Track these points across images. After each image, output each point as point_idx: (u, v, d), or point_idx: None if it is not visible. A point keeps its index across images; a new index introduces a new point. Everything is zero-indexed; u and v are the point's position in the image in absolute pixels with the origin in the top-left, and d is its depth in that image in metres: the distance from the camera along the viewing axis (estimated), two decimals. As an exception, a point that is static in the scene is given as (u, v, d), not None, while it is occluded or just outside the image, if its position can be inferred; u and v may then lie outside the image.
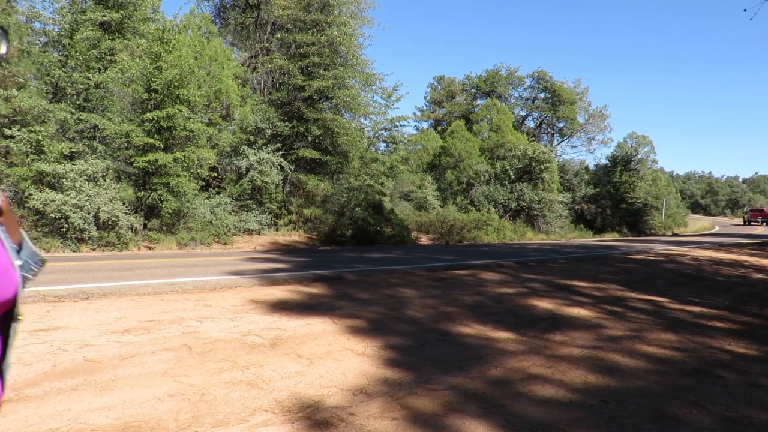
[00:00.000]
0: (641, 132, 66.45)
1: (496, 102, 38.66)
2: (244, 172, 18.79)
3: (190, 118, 15.53)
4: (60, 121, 14.33)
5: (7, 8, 15.29)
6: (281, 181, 20.01)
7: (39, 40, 17.39)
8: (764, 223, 59.93)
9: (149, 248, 14.59)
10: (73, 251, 13.02)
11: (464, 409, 3.36)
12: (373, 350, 4.60)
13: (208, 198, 17.55)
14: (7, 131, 13.55)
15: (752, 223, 60.34)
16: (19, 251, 0.82)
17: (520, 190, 31.48)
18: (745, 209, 71.44)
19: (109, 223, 13.65)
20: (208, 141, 16.99)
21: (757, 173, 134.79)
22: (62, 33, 15.59)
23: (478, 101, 44.90)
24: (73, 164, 13.72)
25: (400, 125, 26.03)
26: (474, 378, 3.98)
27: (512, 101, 45.89)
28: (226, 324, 5.48)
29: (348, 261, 11.66)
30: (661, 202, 43.61)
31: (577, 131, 46.31)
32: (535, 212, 31.35)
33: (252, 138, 19.65)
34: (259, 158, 18.70)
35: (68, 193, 13.18)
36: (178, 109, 14.98)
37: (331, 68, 20.57)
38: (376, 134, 25.75)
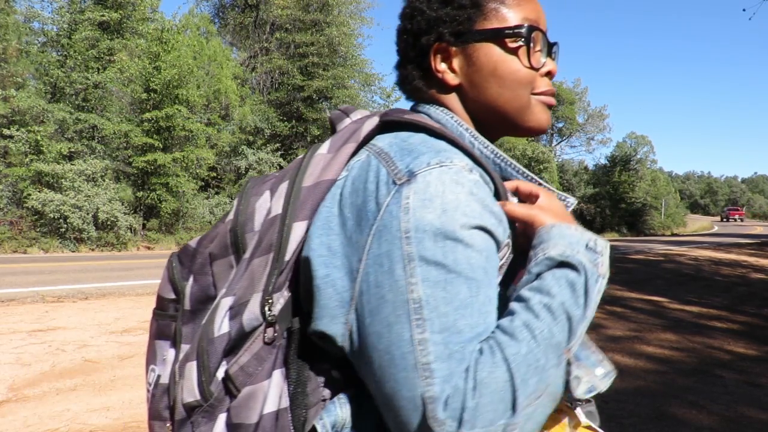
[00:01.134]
0: (640, 132, 66.57)
1: (496, 102, 38.62)
2: (243, 172, 18.78)
3: (189, 118, 15.51)
4: (59, 121, 14.32)
5: (6, 8, 15.27)
6: (280, 181, 20.01)
7: (38, 40, 17.37)
8: (740, 220, 69.70)
9: (148, 248, 14.58)
10: (72, 251, 13.01)
11: (464, 409, 3.35)
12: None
13: (207, 198, 17.54)
14: (6, 131, 13.53)
15: (729, 220, 69.17)
16: None
17: (520, 190, 31.46)
18: (723, 208, 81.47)
19: (108, 223, 13.63)
20: (207, 141, 16.98)
21: (756, 173, 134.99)
22: (61, 33, 15.57)
23: (478, 101, 44.89)
24: (71, 164, 13.70)
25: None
26: (473, 378, 3.98)
27: (511, 101, 45.88)
28: (225, 324, 5.47)
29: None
30: (661, 202, 43.62)
31: (576, 131, 46.30)
32: (535, 212, 31.34)
33: (251, 138, 19.65)
34: (258, 158, 18.69)
35: (67, 193, 13.17)
36: (177, 109, 14.97)
37: (331, 68, 20.56)
38: (375, 134, 25.77)
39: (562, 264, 0.61)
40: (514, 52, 0.74)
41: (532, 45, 0.74)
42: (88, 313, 5.75)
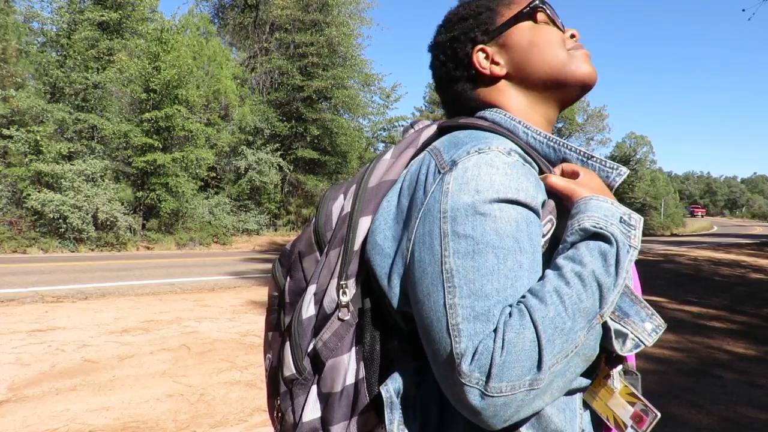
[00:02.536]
0: (640, 132, 66.71)
1: (495, 102, 38.61)
2: (242, 172, 18.77)
3: (188, 118, 15.50)
4: (58, 121, 14.30)
5: (5, 8, 15.26)
6: (280, 182, 19.99)
7: (37, 40, 17.37)
8: (702, 216, 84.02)
9: (148, 248, 14.57)
10: (72, 251, 13.01)
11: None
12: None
13: (206, 198, 17.53)
14: (6, 131, 13.52)
15: (694, 215, 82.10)
16: None
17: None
18: (688, 206, 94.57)
19: (108, 223, 13.62)
20: (206, 141, 16.96)
21: (755, 173, 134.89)
22: (60, 33, 15.56)
23: (477, 101, 44.83)
24: (71, 164, 13.69)
25: (399, 125, 26.02)
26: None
27: (511, 101, 45.83)
28: (224, 324, 5.47)
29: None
30: (660, 202, 43.64)
31: (576, 131, 46.30)
32: (534, 212, 31.36)
33: (251, 138, 19.64)
34: (258, 158, 18.68)
35: (66, 193, 13.16)
36: (176, 109, 14.96)
37: (330, 68, 20.55)
38: (375, 134, 25.72)
39: (596, 235, 0.66)
40: (537, 22, 0.85)
41: (548, 12, 0.86)
42: (87, 313, 5.75)
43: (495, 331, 0.59)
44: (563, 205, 0.73)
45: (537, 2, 0.85)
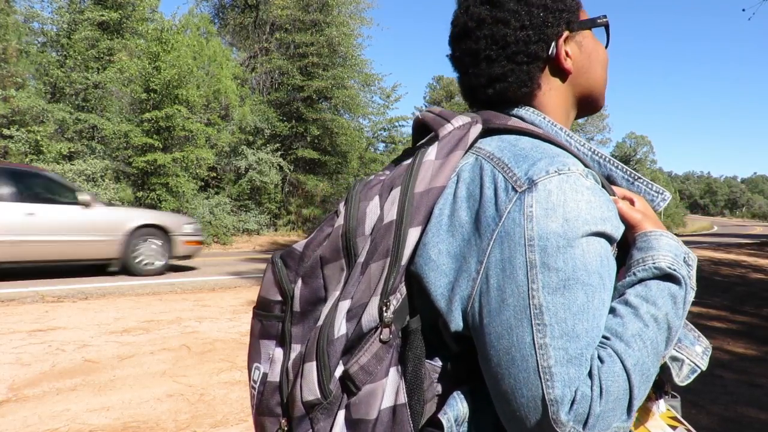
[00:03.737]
0: (640, 132, 66.70)
1: (495, 102, 38.62)
2: (242, 172, 18.77)
3: (188, 118, 15.50)
4: (58, 121, 14.31)
5: (6, 8, 15.26)
6: (280, 182, 19.99)
7: (37, 40, 17.37)
8: None
9: (148, 248, 14.57)
10: (72, 251, 12.99)
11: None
12: (372, 350, 4.59)
13: (206, 198, 17.53)
14: (6, 131, 13.53)
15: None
16: None
17: (519, 190, 31.45)
18: None
19: (108, 223, 13.61)
20: (206, 141, 16.97)
21: (755, 173, 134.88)
22: (61, 33, 15.57)
23: (477, 101, 44.83)
24: (71, 164, 13.70)
25: (399, 125, 25.98)
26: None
27: (511, 101, 45.87)
28: (225, 324, 5.48)
29: (347, 261, 11.62)
30: (660, 202, 43.71)
31: (576, 131, 46.37)
32: (534, 212, 31.34)
33: (251, 138, 19.64)
34: (258, 158, 18.68)
35: (67, 193, 13.15)
36: (176, 109, 14.96)
37: (330, 68, 20.54)
38: (375, 134, 25.71)
39: (668, 276, 0.65)
40: (598, 38, 0.84)
41: (608, 34, 0.84)
42: (87, 313, 5.75)
43: (590, 376, 0.57)
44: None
45: (608, 20, 0.82)
